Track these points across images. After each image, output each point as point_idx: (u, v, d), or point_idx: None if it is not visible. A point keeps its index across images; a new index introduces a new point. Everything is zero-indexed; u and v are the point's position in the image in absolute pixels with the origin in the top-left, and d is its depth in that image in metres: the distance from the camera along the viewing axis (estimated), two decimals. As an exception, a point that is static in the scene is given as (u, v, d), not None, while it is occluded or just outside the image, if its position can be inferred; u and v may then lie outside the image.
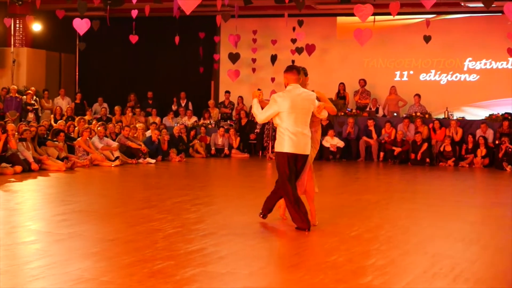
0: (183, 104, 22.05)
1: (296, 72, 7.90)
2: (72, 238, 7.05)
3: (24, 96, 19.78)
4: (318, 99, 8.04)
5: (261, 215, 8.25)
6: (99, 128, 16.53)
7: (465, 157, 17.93)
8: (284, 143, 7.80)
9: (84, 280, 5.34)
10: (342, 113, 19.87)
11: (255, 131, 20.21)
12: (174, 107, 22.02)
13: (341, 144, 18.82)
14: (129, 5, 17.28)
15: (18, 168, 13.25)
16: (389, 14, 15.79)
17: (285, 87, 7.96)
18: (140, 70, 23.88)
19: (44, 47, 22.79)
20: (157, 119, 20.88)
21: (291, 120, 7.75)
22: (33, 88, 20.64)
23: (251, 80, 22.42)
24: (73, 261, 6.02)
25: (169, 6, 18.21)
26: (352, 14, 16.16)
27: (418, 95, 19.82)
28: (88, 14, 17.46)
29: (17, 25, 22.04)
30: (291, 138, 7.76)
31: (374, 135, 19.02)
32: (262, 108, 8.00)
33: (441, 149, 18.00)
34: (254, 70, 22.26)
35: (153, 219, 8.29)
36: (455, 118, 19.08)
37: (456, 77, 21.10)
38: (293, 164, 7.80)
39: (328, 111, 8.12)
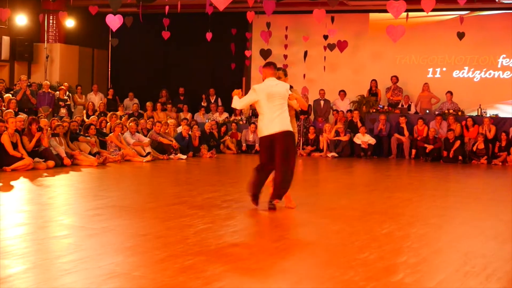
0: (212, 101, 22.07)
1: (273, 67, 9.10)
2: (104, 233, 7.10)
3: (57, 92, 19.93)
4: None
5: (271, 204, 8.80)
6: (131, 123, 16.62)
7: (498, 155, 17.74)
8: (263, 128, 8.79)
9: (116, 275, 5.38)
10: (374, 110, 19.79)
11: (286, 127, 20.16)
12: (204, 104, 22.07)
13: (372, 141, 18.74)
14: (162, 1, 17.32)
15: (51, 163, 13.38)
16: (422, 10, 15.63)
17: (263, 80, 9.05)
18: (171, 66, 23.98)
19: (77, 42, 22.97)
20: (189, 115, 20.97)
21: (269, 107, 8.73)
22: (66, 83, 20.80)
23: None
24: (105, 255, 6.06)
25: (201, 3, 18.25)
26: (385, 11, 16.04)
27: (450, 92, 19.65)
28: (121, 10, 17.54)
29: (51, 21, 22.24)
30: (268, 122, 8.72)
31: (406, 132, 18.90)
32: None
33: (474, 148, 17.81)
34: (285, 66, 22.20)
35: (184, 214, 8.32)
36: (488, 115, 18.89)
37: (490, 74, 20.87)
38: (272, 147, 8.69)
39: (299, 103, 9.27)
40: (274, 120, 8.67)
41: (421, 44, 21.39)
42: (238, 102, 8.94)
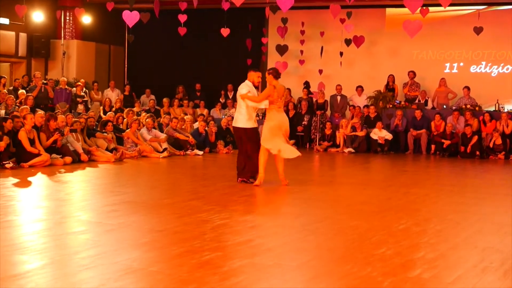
0: (230, 96, 22.06)
1: (253, 71, 12.33)
2: (121, 229, 7.12)
3: (74, 88, 20.00)
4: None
5: (250, 180, 11.10)
6: (147, 119, 16.66)
7: (515, 150, 17.66)
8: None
9: (133, 270, 5.39)
10: (391, 105, 19.72)
11: (303, 123, 20.16)
12: (222, 100, 22.09)
13: (389, 136, 18.67)
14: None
15: (68, 159, 13.42)
16: (439, 5, 15.52)
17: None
18: (188, 62, 23.99)
19: (93, 39, 23.04)
20: (205, 111, 20.98)
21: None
22: (82, 80, 20.88)
23: (299, 72, 22.36)
24: (122, 251, 6.07)
25: (217, -2, 18.26)
26: (402, 6, 15.98)
27: (467, 88, 19.53)
28: (137, 6, 17.57)
29: (67, 18, 22.33)
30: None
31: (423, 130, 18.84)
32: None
33: (491, 145, 17.70)
34: (302, 62, 22.18)
35: (201, 210, 8.32)
36: (506, 110, 18.78)
37: (508, 69, 20.74)
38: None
39: (250, 100, 12.02)
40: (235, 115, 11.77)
41: (438, 39, 21.28)
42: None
